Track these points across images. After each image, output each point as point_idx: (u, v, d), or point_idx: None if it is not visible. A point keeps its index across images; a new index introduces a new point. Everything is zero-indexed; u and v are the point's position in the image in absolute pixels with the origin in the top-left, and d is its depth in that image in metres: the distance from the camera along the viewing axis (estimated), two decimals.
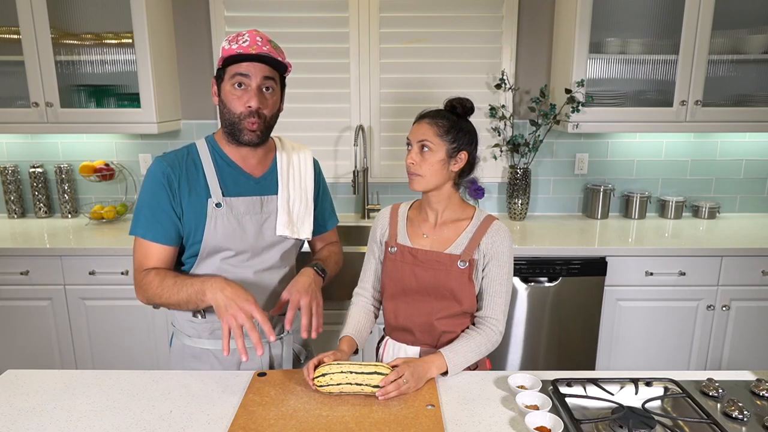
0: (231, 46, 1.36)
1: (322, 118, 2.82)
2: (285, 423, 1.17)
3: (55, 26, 2.48)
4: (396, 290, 1.49)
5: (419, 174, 1.41)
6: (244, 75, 1.36)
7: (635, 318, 2.45)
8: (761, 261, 2.39)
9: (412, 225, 1.51)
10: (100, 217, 2.74)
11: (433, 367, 1.34)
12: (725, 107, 2.56)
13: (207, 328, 1.50)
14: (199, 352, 1.51)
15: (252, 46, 1.35)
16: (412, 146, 1.42)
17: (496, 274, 1.43)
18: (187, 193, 1.42)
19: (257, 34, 1.39)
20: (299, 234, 1.53)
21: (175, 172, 1.42)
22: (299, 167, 1.58)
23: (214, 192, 1.43)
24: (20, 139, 2.85)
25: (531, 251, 2.36)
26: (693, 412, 1.20)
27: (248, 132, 1.40)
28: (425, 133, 1.40)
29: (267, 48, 1.38)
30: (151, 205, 1.42)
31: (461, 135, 1.41)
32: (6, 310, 2.42)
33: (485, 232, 1.43)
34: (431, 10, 2.70)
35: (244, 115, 1.39)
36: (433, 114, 1.43)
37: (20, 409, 1.23)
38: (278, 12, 2.69)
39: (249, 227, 1.46)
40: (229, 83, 1.38)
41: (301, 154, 1.60)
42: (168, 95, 2.67)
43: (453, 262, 1.42)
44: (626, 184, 2.93)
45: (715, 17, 2.42)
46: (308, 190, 1.58)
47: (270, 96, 1.41)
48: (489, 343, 1.43)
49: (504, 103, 2.79)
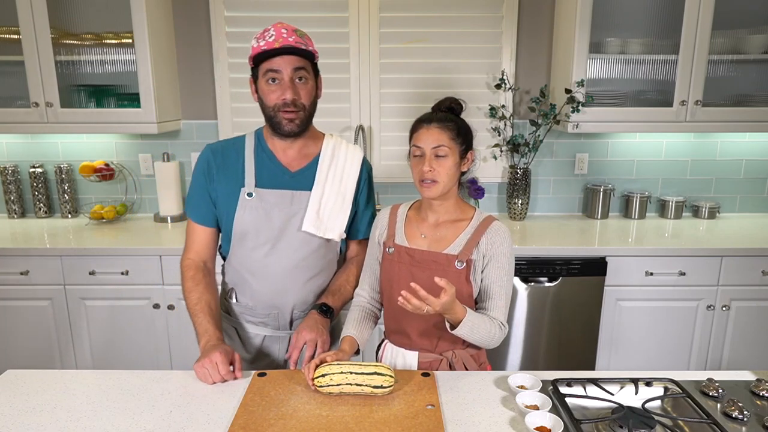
0: (259, 44, 1.40)
1: (322, 118, 2.75)
2: (285, 423, 1.17)
3: (55, 26, 2.48)
4: (393, 291, 1.48)
5: (436, 180, 1.37)
6: (276, 70, 1.41)
7: (635, 318, 2.44)
8: (761, 261, 2.39)
9: (410, 225, 1.50)
10: (100, 217, 2.74)
11: (457, 309, 1.30)
12: (725, 107, 2.56)
13: (237, 309, 1.61)
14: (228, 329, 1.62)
15: (278, 39, 1.38)
16: (425, 153, 1.38)
17: (496, 275, 1.42)
18: (224, 179, 1.52)
19: (282, 26, 1.42)
20: (326, 233, 1.52)
21: (216, 158, 1.53)
22: (343, 165, 1.57)
23: (248, 182, 1.50)
24: (20, 139, 2.85)
25: (531, 251, 2.36)
26: (693, 412, 1.20)
27: (286, 122, 1.45)
28: (439, 138, 1.37)
29: (293, 39, 1.40)
30: (194, 188, 1.56)
31: (467, 135, 1.42)
32: (6, 310, 2.42)
33: (484, 232, 1.42)
34: (431, 10, 2.70)
35: (279, 107, 1.43)
36: (440, 117, 1.40)
37: (20, 409, 1.23)
38: (278, 12, 2.69)
39: (276, 219, 1.49)
40: (263, 80, 1.43)
41: (349, 153, 1.59)
42: (168, 95, 2.67)
43: (450, 262, 1.41)
44: (626, 184, 2.93)
45: (715, 17, 2.42)
46: (348, 190, 1.56)
47: (303, 85, 1.45)
48: (496, 331, 1.39)
49: (504, 103, 2.79)
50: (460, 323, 1.32)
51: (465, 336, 1.35)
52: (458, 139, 1.39)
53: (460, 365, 1.46)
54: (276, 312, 1.56)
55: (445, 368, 1.46)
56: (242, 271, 1.55)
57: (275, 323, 1.59)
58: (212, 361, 1.33)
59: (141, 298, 2.41)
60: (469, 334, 1.34)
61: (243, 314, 1.60)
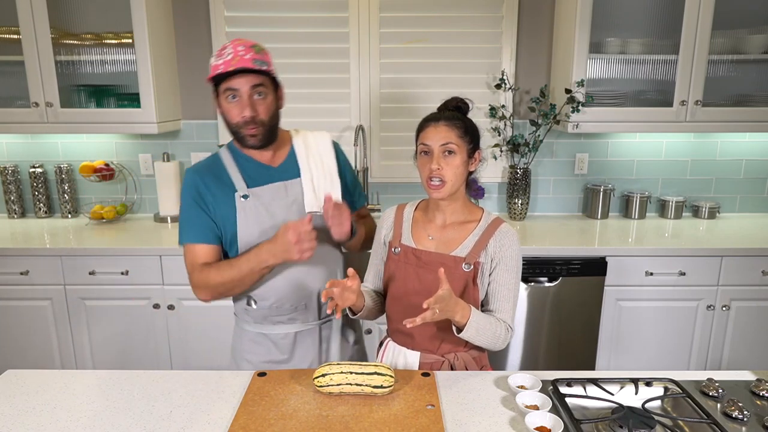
0: (217, 62, 1.42)
1: (322, 118, 2.82)
2: (285, 423, 1.17)
3: (55, 26, 2.48)
4: (399, 292, 1.47)
5: (444, 180, 1.37)
6: (233, 89, 1.43)
7: (635, 318, 2.44)
8: (761, 261, 2.39)
9: (417, 226, 1.50)
10: (100, 217, 2.74)
11: (459, 310, 1.29)
12: (725, 107, 2.56)
13: (260, 314, 1.59)
14: (256, 336, 1.61)
15: (234, 58, 1.40)
16: (433, 151, 1.38)
17: (504, 278, 1.41)
18: (217, 192, 1.52)
19: (239, 43, 1.44)
20: None
21: (203, 178, 1.53)
22: (317, 149, 1.62)
23: (239, 185, 1.52)
24: (20, 139, 2.85)
25: (531, 251, 2.36)
26: (693, 412, 1.20)
27: (250, 137, 1.48)
28: (448, 135, 1.36)
29: (249, 56, 1.42)
30: (188, 214, 1.53)
31: (475, 134, 1.42)
32: (6, 310, 2.42)
33: (492, 234, 1.42)
34: (431, 10, 2.70)
35: (241, 124, 1.46)
36: (448, 116, 1.40)
37: (20, 409, 1.23)
38: (278, 12, 2.69)
39: (278, 213, 1.52)
40: (223, 97, 1.46)
41: (317, 138, 1.65)
42: (168, 95, 2.67)
43: (458, 264, 1.41)
44: (626, 184, 2.93)
45: (715, 17, 2.42)
46: (331, 167, 1.62)
47: (262, 101, 1.47)
48: (502, 332, 1.38)
49: (504, 103, 2.79)
50: (465, 326, 1.31)
51: (471, 338, 1.34)
52: (466, 138, 1.39)
53: (461, 367, 1.46)
54: (304, 303, 1.57)
55: (446, 369, 1.45)
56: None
57: (304, 316, 1.59)
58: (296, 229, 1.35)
59: (141, 298, 2.41)
60: (475, 335, 1.33)
61: (268, 317, 1.59)
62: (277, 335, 1.60)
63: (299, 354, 1.61)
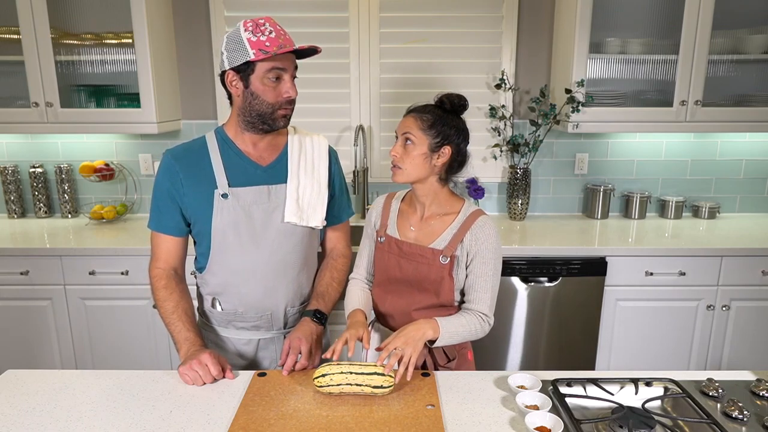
0: (259, 39, 1.36)
1: (321, 118, 2.81)
2: (285, 423, 1.17)
3: (55, 26, 2.48)
4: (382, 278, 1.54)
5: (400, 167, 1.43)
6: (282, 69, 1.40)
7: (635, 318, 2.44)
8: (761, 261, 2.39)
9: (402, 217, 1.54)
10: (100, 217, 2.74)
11: (427, 329, 1.36)
12: (725, 107, 2.56)
13: (224, 318, 1.56)
14: (218, 339, 1.58)
15: (279, 36, 1.38)
16: (397, 138, 1.45)
17: (481, 270, 1.44)
18: (194, 183, 1.46)
19: (276, 23, 1.42)
20: (308, 221, 1.52)
21: (179, 163, 1.47)
22: (312, 153, 1.58)
23: (221, 183, 1.46)
24: (20, 139, 2.85)
25: (531, 251, 2.36)
26: (693, 412, 1.20)
27: (282, 118, 1.45)
28: (409, 126, 1.42)
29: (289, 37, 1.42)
30: (157, 198, 1.50)
31: (446, 129, 1.42)
32: (6, 310, 2.42)
33: (469, 228, 1.44)
34: (431, 10, 2.70)
35: (281, 104, 1.43)
36: (420, 108, 1.45)
37: (20, 409, 1.23)
38: (278, 12, 2.69)
39: (257, 216, 1.47)
40: (265, 77, 1.40)
41: (314, 140, 1.60)
42: (168, 95, 2.67)
43: (435, 256, 1.45)
44: (626, 184, 2.93)
45: (715, 17, 2.42)
46: (321, 176, 1.57)
47: (295, 83, 1.46)
48: (477, 325, 1.43)
49: (504, 103, 2.79)
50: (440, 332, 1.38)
51: (448, 343, 1.41)
52: (429, 131, 1.41)
53: (439, 352, 1.49)
54: (269, 313, 1.54)
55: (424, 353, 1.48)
56: (227, 276, 1.51)
57: (268, 325, 1.56)
58: (201, 362, 1.32)
59: (141, 298, 2.40)
60: (450, 340, 1.41)
61: (232, 322, 1.55)
62: (240, 341, 1.56)
63: (261, 361, 1.59)
